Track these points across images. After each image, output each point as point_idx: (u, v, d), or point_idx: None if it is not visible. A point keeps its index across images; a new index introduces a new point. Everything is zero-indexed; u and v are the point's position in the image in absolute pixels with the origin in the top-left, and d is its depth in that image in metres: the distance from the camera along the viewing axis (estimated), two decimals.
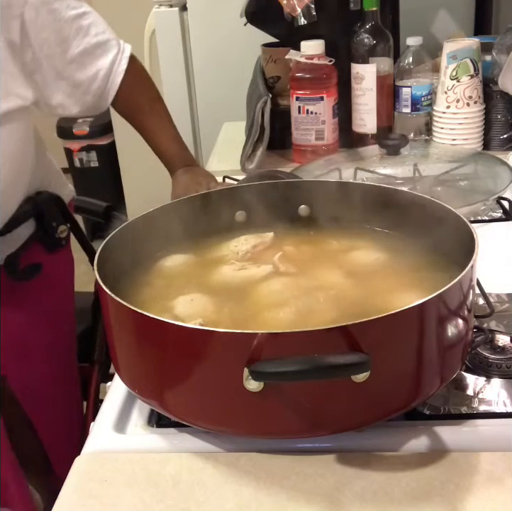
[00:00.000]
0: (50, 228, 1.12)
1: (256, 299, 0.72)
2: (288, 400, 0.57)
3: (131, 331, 0.63)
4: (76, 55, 1.05)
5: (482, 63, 1.33)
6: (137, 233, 0.77)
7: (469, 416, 0.65)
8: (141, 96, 1.15)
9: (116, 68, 1.09)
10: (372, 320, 0.55)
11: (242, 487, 0.59)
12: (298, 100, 1.33)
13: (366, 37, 1.33)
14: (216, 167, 1.42)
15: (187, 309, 0.70)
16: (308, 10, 1.27)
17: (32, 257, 1.11)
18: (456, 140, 1.34)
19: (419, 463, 0.60)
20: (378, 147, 1.26)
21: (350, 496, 0.57)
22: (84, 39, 1.05)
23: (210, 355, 0.57)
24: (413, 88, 1.37)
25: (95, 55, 1.07)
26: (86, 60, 1.06)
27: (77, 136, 3.32)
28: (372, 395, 0.58)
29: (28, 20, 0.98)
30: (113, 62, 1.08)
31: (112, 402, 0.71)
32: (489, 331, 0.73)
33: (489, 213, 1.08)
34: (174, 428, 0.66)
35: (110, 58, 1.08)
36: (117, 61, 1.09)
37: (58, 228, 1.13)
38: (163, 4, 1.92)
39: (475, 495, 0.56)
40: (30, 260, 1.10)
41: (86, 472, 0.62)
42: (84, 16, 1.05)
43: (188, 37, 1.90)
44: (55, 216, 1.13)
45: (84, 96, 1.09)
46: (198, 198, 0.84)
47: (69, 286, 1.23)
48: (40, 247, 1.13)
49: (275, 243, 0.83)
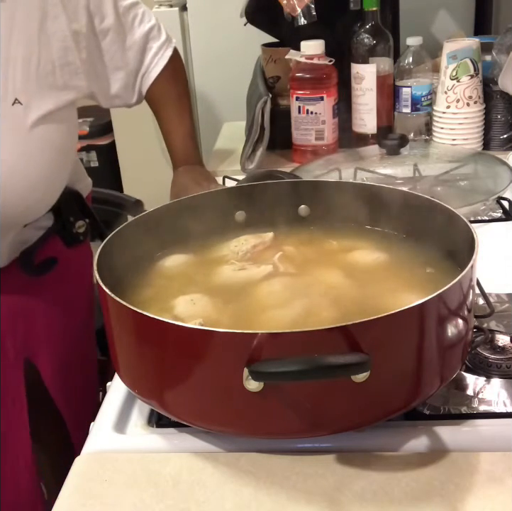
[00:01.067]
0: (68, 223, 1.12)
1: (256, 299, 0.72)
2: (288, 400, 0.57)
3: (131, 331, 0.63)
4: (134, 42, 1.09)
5: (482, 63, 1.33)
6: (137, 233, 0.77)
7: (469, 416, 0.65)
8: (173, 90, 1.18)
9: (163, 52, 1.14)
10: (372, 320, 0.55)
11: (242, 487, 0.59)
12: (298, 100, 1.33)
13: (366, 37, 1.33)
14: (216, 167, 1.42)
15: (187, 309, 0.70)
16: (308, 10, 1.27)
17: (48, 251, 1.11)
18: (456, 140, 1.34)
19: (419, 463, 0.60)
20: (378, 147, 1.26)
21: (350, 496, 0.57)
22: (140, 26, 1.10)
23: (210, 355, 0.57)
24: (413, 88, 1.37)
25: (148, 40, 1.11)
26: (142, 47, 1.11)
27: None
28: (372, 395, 0.58)
29: (93, 10, 1.02)
30: (161, 46, 1.13)
31: (112, 402, 0.71)
32: (489, 331, 0.73)
33: (489, 213, 1.08)
34: (174, 428, 0.66)
35: (160, 42, 1.13)
36: (164, 46, 1.14)
37: (76, 223, 1.13)
38: (163, 4, 1.93)
39: (475, 495, 0.56)
40: (46, 254, 1.10)
41: (86, 472, 0.62)
42: (138, 5, 1.10)
43: (189, 37, 1.90)
44: (73, 211, 1.13)
45: (136, 83, 1.13)
46: (198, 198, 0.84)
47: (86, 280, 1.23)
48: (57, 241, 1.13)
49: (275, 243, 0.83)
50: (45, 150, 0.97)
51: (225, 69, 1.87)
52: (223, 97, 1.86)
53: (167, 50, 1.14)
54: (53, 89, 0.97)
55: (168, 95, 1.17)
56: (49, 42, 0.96)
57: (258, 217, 0.85)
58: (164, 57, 1.13)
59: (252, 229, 0.85)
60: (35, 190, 0.97)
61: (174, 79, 1.17)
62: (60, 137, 0.99)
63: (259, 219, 0.85)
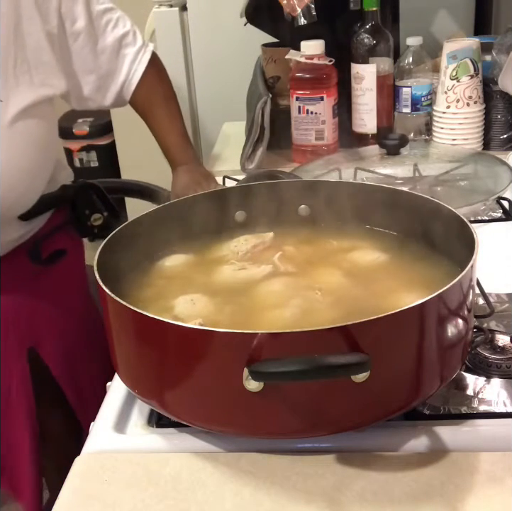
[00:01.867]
0: (83, 216, 1.13)
1: (256, 299, 0.72)
2: (288, 400, 0.57)
3: (131, 331, 0.63)
4: (106, 46, 1.10)
5: (482, 63, 1.33)
6: (137, 233, 0.77)
7: (469, 416, 0.65)
8: (158, 92, 1.18)
9: (141, 57, 1.14)
10: (372, 320, 0.55)
11: (242, 487, 0.59)
12: (298, 100, 1.33)
13: (366, 37, 1.33)
14: (216, 167, 1.42)
15: (187, 309, 0.70)
16: (308, 10, 1.27)
17: (56, 243, 1.12)
18: (456, 140, 1.34)
19: (419, 463, 0.60)
20: (378, 147, 1.26)
21: (350, 496, 0.57)
22: (113, 31, 1.10)
23: (210, 355, 0.57)
24: (413, 88, 1.37)
25: (122, 45, 1.12)
26: (115, 51, 1.11)
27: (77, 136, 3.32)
28: (372, 395, 0.58)
29: (64, 12, 1.03)
30: (138, 51, 1.13)
31: (112, 402, 0.71)
32: (489, 331, 0.73)
33: (489, 213, 1.08)
34: (174, 428, 0.66)
35: (136, 48, 1.13)
36: (141, 52, 1.14)
37: (92, 216, 1.14)
38: (163, 4, 1.93)
39: (475, 495, 0.56)
40: (53, 246, 1.12)
41: (86, 472, 0.62)
42: (113, 10, 1.11)
43: (189, 37, 1.90)
44: (88, 204, 1.14)
45: (111, 87, 1.13)
46: (198, 198, 0.84)
47: (80, 269, 1.24)
48: (64, 234, 1.14)
49: (275, 243, 0.83)
50: (27, 144, 0.99)
51: (225, 69, 1.87)
52: (223, 97, 1.86)
53: (145, 55, 1.14)
54: (31, 86, 0.99)
55: (154, 99, 1.17)
56: (24, 43, 0.98)
57: (258, 217, 0.85)
58: (142, 63, 1.14)
59: (252, 229, 0.85)
60: (21, 181, 0.99)
61: (158, 82, 1.18)
62: (40, 131, 1.01)
63: (259, 219, 0.85)
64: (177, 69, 1.91)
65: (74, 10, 1.04)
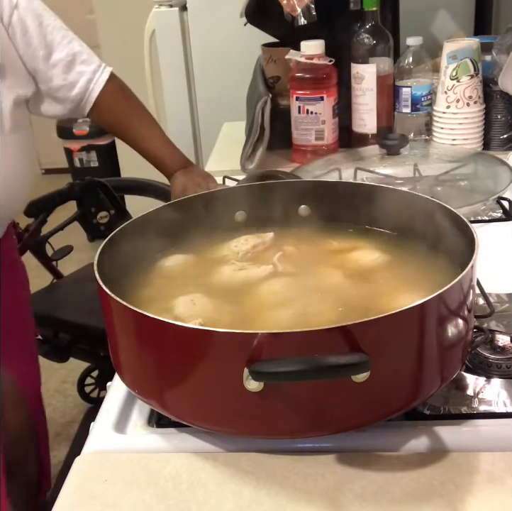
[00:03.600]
0: (89, 213, 1.14)
1: (256, 299, 0.72)
2: (288, 400, 0.57)
3: (131, 331, 0.63)
4: (60, 60, 1.10)
5: (482, 63, 1.33)
6: (137, 233, 0.77)
7: (469, 416, 0.65)
8: (125, 107, 1.18)
9: (98, 77, 1.13)
10: (372, 320, 0.55)
11: (242, 487, 0.59)
12: (298, 100, 1.33)
13: (366, 37, 1.33)
14: (216, 167, 1.42)
15: (187, 309, 0.70)
16: (308, 10, 1.27)
17: None
18: (456, 140, 1.34)
19: (419, 463, 0.60)
20: (378, 147, 1.26)
21: (350, 496, 0.57)
22: (69, 45, 1.11)
23: (211, 355, 0.57)
24: (413, 88, 1.37)
25: (77, 62, 1.12)
26: (69, 66, 1.11)
27: (77, 136, 3.33)
28: (372, 395, 0.58)
29: (14, 23, 1.04)
30: (94, 71, 1.13)
31: (112, 402, 0.71)
32: (489, 331, 0.73)
33: (489, 213, 1.08)
34: (174, 428, 0.66)
35: (93, 67, 1.13)
36: (99, 72, 1.14)
37: (98, 213, 1.15)
38: (163, 4, 1.92)
39: (475, 495, 0.56)
40: None
41: (86, 472, 0.62)
42: (70, 31, 1.12)
43: (189, 37, 1.90)
44: (94, 202, 1.14)
45: (63, 100, 1.13)
46: (198, 198, 0.84)
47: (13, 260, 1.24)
48: None
49: (275, 243, 0.83)
50: None
51: (225, 69, 1.87)
52: (223, 97, 1.86)
53: (102, 75, 1.14)
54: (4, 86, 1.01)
55: (122, 114, 1.17)
56: None
57: (258, 217, 0.85)
58: (99, 83, 1.13)
59: (252, 229, 0.85)
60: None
61: (122, 98, 1.18)
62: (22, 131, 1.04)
63: (259, 219, 0.85)
64: (177, 69, 1.92)
65: (24, 21, 1.05)
